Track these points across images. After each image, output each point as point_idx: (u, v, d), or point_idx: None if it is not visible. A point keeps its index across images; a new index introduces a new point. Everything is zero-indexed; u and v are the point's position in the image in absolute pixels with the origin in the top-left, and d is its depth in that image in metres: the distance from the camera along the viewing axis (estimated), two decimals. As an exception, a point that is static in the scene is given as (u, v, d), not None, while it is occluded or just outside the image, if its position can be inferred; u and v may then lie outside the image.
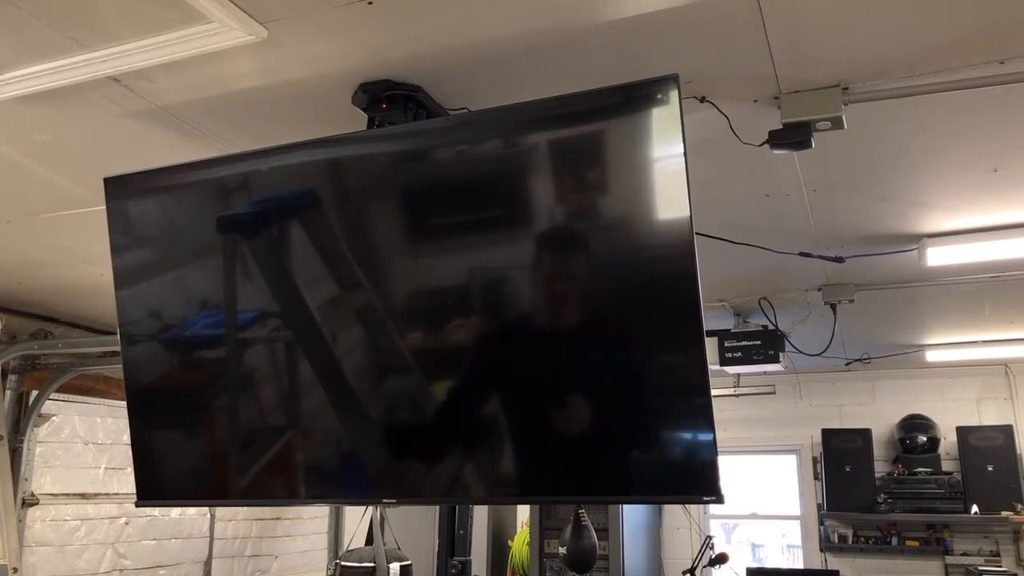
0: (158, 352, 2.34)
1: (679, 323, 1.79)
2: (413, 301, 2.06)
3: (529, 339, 1.97)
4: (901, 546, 6.24)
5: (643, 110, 1.84)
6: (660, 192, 1.83)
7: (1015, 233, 3.22)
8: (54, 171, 2.75)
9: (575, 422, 1.91)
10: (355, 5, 1.79)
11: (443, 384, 2.06)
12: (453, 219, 2.06)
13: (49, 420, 4.67)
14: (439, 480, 2.03)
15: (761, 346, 4.39)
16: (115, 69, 2.02)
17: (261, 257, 2.20)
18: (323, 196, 2.14)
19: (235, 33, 1.86)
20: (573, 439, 1.91)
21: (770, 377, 5.87)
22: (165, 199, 2.33)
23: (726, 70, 2.07)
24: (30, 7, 1.81)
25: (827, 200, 2.99)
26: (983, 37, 1.91)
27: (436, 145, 2.07)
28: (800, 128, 2.15)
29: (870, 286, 4.10)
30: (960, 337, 5.40)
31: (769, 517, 7.10)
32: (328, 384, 2.14)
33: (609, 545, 5.50)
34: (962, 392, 6.40)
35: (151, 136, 2.43)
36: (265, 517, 6.05)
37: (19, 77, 2.07)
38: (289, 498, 2.86)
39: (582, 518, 3.55)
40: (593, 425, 1.89)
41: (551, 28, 1.88)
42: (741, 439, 6.73)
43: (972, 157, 2.61)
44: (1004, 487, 5.92)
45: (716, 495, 1.73)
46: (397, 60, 2.02)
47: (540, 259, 1.95)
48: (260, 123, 2.36)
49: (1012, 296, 4.27)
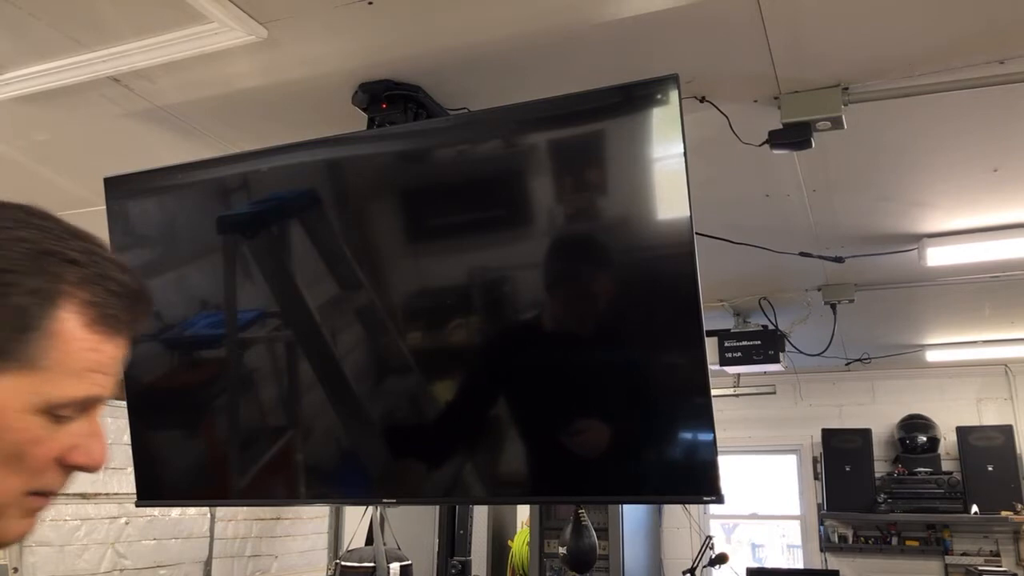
0: (158, 352, 2.33)
1: (679, 323, 1.79)
2: (413, 301, 2.06)
3: (529, 339, 1.96)
4: (901, 546, 6.24)
5: (643, 110, 1.84)
6: (660, 192, 1.83)
7: (1015, 233, 3.21)
8: (54, 171, 2.75)
9: (575, 422, 1.91)
10: (355, 5, 1.79)
11: (443, 384, 2.06)
12: (453, 219, 2.06)
13: (49, 420, 4.66)
14: (439, 480, 2.02)
15: (761, 346, 4.39)
16: (115, 69, 2.02)
17: (261, 257, 2.20)
18: (323, 196, 2.14)
19: (235, 33, 1.86)
20: (573, 439, 1.91)
21: (770, 377, 5.86)
22: (165, 199, 2.33)
23: (726, 70, 2.07)
24: (30, 7, 1.81)
25: (827, 200, 2.99)
26: (983, 37, 1.91)
27: (436, 145, 2.07)
28: (800, 128, 2.15)
29: (870, 286, 4.10)
30: (960, 337, 5.40)
31: (769, 517, 7.10)
32: (328, 384, 2.14)
33: (609, 545, 5.50)
34: (962, 392, 6.40)
35: (151, 136, 2.43)
36: (265, 517, 6.05)
37: (19, 77, 2.07)
38: (289, 498, 2.86)
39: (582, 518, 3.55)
40: (593, 425, 1.89)
41: (551, 28, 1.88)
42: (741, 439, 6.73)
43: (972, 157, 2.61)
44: (1004, 487, 5.92)
45: (716, 495, 1.73)
46: (397, 60, 2.02)
47: (539, 259, 1.95)
48: (260, 123, 2.36)
49: (1012, 296, 4.27)
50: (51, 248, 0.72)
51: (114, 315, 0.76)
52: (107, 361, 0.76)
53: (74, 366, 0.72)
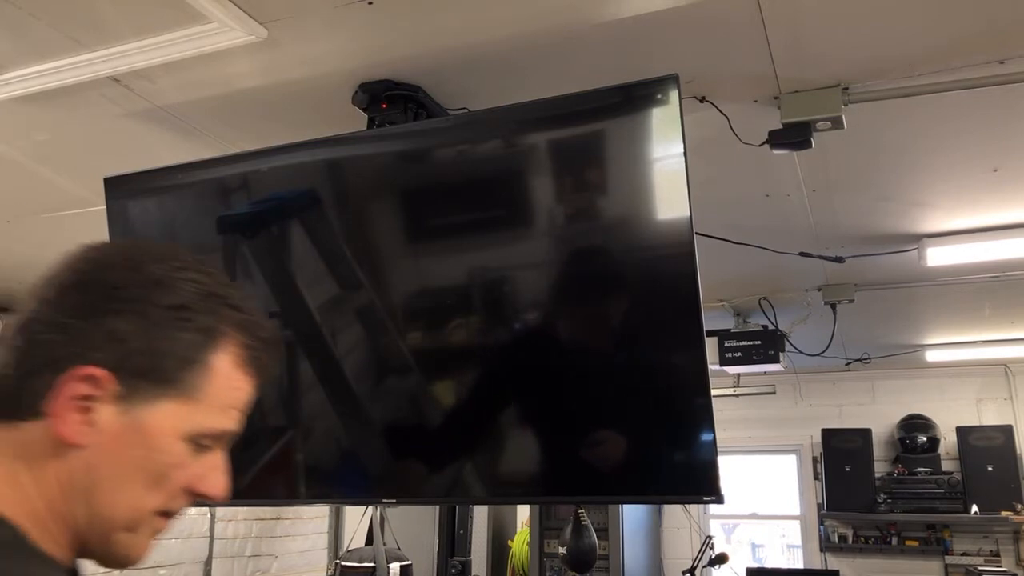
0: (158, 352, 2.33)
1: (679, 323, 1.79)
2: (413, 301, 2.06)
3: (529, 339, 1.96)
4: (901, 546, 6.24)
5: (643, 110, 1.84)
6: (660, 192, 1.83)
7: (1015, 233, 3.21)
8: (54, 171, 2.75)
9: (575, 422, 1.91)
10: (355, 5, 1.79)
11: (443, 384, 2.06)
12: (453, 219, 2.06)
13: (49, 420, 4.66)
14: (439, 480, 2.02)
15: (761, 346, 4.39)
16: (115, 69, 2.02)
17: (261, 257, 2.20)
18: (323, 196, 2.14)
19: (235, 33, 1.86)
20: (573, 439, 1.91)
21: (770, 377, 5.86)
22: (165, 199, 2.33)
23: (726, 70, 2.07)
24: (30, 7, 1.81)
25: (827, 200, 2.99)
26: (983, 37, 1.91)
27: (436, 145, 2.07)
28: (800, 128, 2.15)
29: (870, 286, 4.10)
30: (960, 337, 5.40)
31: (769, 517, 7.10)
32: (328, 384, 2.14)
33: (609, 545, 5.50)
34: (962, 392, 6.40)
35: (151, 136, 2.43)
36: (265, 517, 6.05)
37: (19, 77, 2.07)
38: (289, 498, 2.86)
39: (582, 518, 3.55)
40: (593, 425, 1.89)
41: (551, 28, 1.88)
42: (741, 439, 6.72)
43: (972, 157, 2.61)
44: (1004, 487, 5.92)
45: (716, 495, 1.73)
46: (397, 60, 2.02)
47: (539, 260, 1.95)
48: (260, 123, 2.36)
49: (1012, 296, 4.27)
50: (217, 291, 0.80)
51: (259, 358, 0.83)
52: (245, 399, 0.83)
53: (222, 401, 0.80)
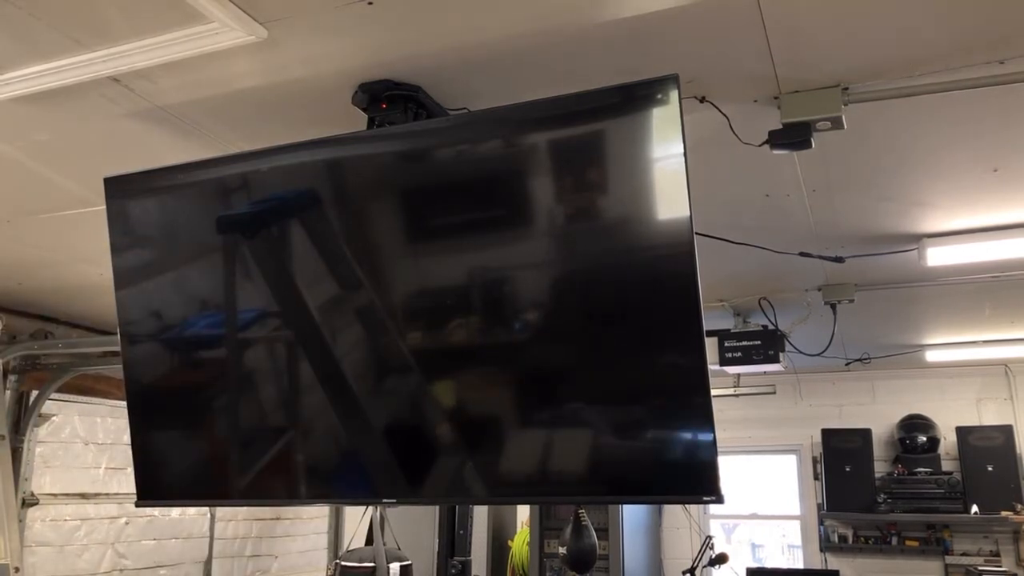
0: (158, 352, 2.34)
1: (679, 323, 1.79)
2: (413, 301, 2.06)
3: (529, 339, 1.96)
4: (901, 546, 6.24)
5: (643, 110, 1.84)
6: (660, 192, 1.83)
7: (1015, 233, 3.21)
8: (54, 171, 2.75)
9: (575, 422, 1.91)
10: (355, 5, 1.79)
11: (443, 384, 2.06)
12: (453, 219, 2.06)
13: (49, 420, 4.67)
14: (439, 480, 2.02)
15: (761, 346, 4.39)
16: (115, 69, 2.01)
17: (261, 257, 2.20)
18: (323, 196, 2.14)
19: (235, 33, 1.86)
20: (573, 439, 1.91)
21: (770, 377, 5.86)
22: (165, 199, 2.33)
23: (726, 70, 2.07)
24: (30, 7, 1.81)
25: (827, 200, 2.99)
26: (983, 37, 1.91)
27: (436, 145, 2.07)
28: (800, 128, 2.15)
29: (870, 286, 4.10)
30: (960, 337, 5.40)
31: (769, 517, 7.10)
32: (328, 384, 2.14)
33: (609, 545, 5.50)
34: (962, 392, 6.40)
35: (151, 136, 2.43)
36: (265, 517, 6.05)
37: (19, 77, 2.07)
38: (289, 498, 2.86)
39: (582, 518, 3.55)
40: (593, 425, 1.90)
41: (551, 28, 1.88)
42: (741, 439, 6.73)
43: (972, 157, 2.61)
44: (1004, 487, 5.92)
45: (716, 495, 1.73)
46: (397, 60, 2.02)
47: (539, 260, 1.95)
48: (260, 123, 2.36)
49: (1012, 296, 4.27)
50: None
51: None
52: None
53: None
